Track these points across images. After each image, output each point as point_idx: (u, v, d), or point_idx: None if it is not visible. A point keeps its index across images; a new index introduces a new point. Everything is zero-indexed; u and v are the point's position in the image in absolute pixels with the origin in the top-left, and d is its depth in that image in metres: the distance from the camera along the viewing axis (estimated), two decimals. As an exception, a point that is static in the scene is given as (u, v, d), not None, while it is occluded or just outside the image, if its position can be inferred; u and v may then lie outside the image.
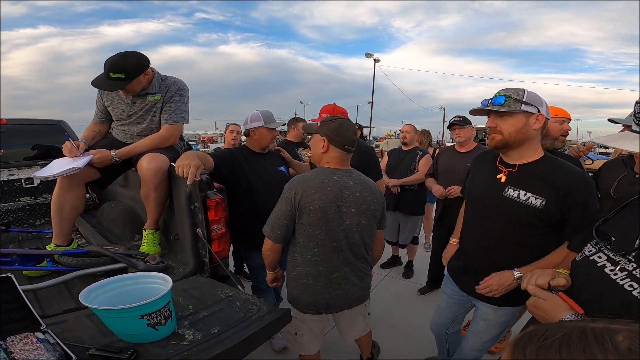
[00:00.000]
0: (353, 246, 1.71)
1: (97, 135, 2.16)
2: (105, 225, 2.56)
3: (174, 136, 2.10)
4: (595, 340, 0.44)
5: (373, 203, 1.72)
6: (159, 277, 1.32)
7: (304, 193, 1.60)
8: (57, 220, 1.96)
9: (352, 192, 1.66)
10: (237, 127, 3.81)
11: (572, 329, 0.46)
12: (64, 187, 1.94)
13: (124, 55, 1.86)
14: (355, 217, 1.67)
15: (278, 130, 2.37)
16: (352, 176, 1.71)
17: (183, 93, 2.10)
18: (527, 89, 1.36)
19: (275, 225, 1.66)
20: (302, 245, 1.68)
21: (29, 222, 2.88)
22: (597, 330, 0.45)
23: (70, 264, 1.78)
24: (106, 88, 1.94)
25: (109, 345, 1.14)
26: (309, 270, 1.70)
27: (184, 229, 1.87)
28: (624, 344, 0.42)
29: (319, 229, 1.63)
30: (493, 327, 1.65)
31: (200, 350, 1.17)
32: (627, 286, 0.85)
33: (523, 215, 1.38)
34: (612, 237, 0.96)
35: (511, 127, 1.35)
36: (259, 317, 1.38)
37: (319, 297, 1.72)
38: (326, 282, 1.70)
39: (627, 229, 0.94)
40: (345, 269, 1.72)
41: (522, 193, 1.37)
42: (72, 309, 1.44)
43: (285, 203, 1.64)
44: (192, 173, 1.64)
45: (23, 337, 1.02)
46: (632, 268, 0.86)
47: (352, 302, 1.80)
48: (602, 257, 0.95)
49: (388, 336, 2.73)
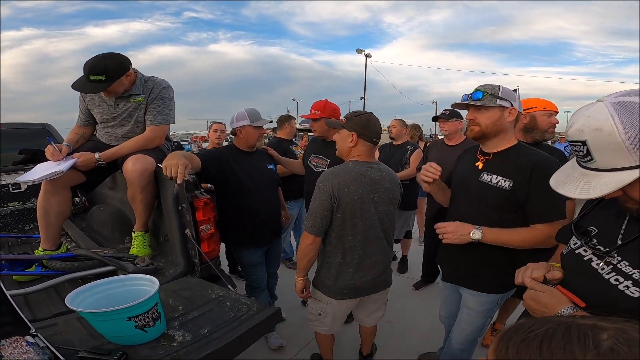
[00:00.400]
0: (385, 233, 1.84)
1: (81, 138, 2.14)
2: (94, 229, 2.55)
3: (159, 137, 2.09)
4: (578, 337, 0.43)
5: (397, 192, 1.87)
6: (146, 279, 1.33)
7: (340, 185, 1.68)
8: (44, 225, 1.95)
9: (383, 183, 1.78)
10: (221, 126, 3.77)
11: (558, 324, 0.46)
12: (49, 191, 1.92)
13: (103, 57, 1.84)
14: (386, 205, 1.80)
15: (266, 128, 2.39)
16: (379, 168, 1.82)
17: (167, 93, 2.08)
18: (502, 86, 1.50)
19: (317, 219, 1.71)
20: (336, 235, 1.76)
21: (18, 227, 2.86)
22: (583, 327, 0.44)
23: (59, 267, 1.78)
24: (87, 91, 1.93)
25: (98, 348, 1.15)
26: (342, 258, 1.79)
27: (172, 230, 1.88)
28: (607, 343, 0.41)
29: (355, 218, 1.72)
30: (474, 316, 1.70)
31: (190, 350, 1.18)
32: (613, 280, 0.84)
33: (494, 197, 1.49)
34: (594, 229, 0.95)
35: (488, 119, 1.49)
36: (249, 317, 1.40)
37: (350, 283, 1.81)
38: (357, 268, 1.80)
39: (609, 222, 0.93)
40: (379, 256, 1.84)
41: (494, 177, 1.50)
42: (62, 312, 1.45)
43: (324, 196, 1.69)
44: (182, 172, 1.64)
45: (13, 341, 1.02)
46: (617, 261, 0.85)
47: (379, 286, 1.92)
48: (588, 250, 0.93)
49: (384, 332, 2.74)
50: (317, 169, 2.54)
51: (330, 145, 2.52)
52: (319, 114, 2.51)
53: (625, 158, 0.72)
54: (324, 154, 2.58)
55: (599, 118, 0.73)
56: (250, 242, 2.37)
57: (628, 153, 0.71)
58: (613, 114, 0.71)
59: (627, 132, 0.70)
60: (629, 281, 0.81)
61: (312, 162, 2.60)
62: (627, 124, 0.70)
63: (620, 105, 0.72)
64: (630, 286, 0.80)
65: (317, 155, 2.60)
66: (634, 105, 0.71)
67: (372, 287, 1.88)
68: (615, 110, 0.71)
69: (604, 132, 0.72)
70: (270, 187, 2.46)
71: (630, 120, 0.70)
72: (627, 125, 0.70)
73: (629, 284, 0.81)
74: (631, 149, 0.71)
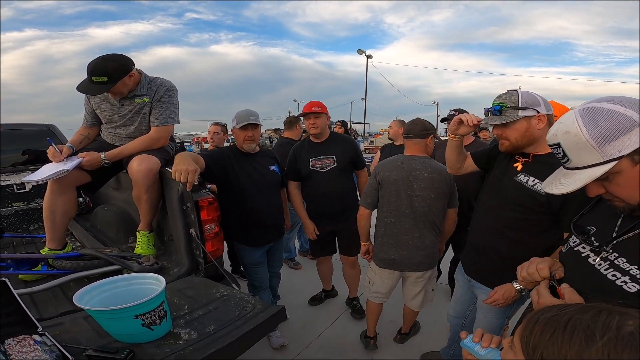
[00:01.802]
0: (422, 214, 2.14)
1: (85, 139, 2.16)
2: (99, 229, 2.57)
3: (163, 137, 2.10)
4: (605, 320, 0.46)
5: (441, 182, 2.13)
6: (153, 277, 1.34)
7: (383, 171, 2.19)
8: (50, 225, 1.96)
9: (423, 173, 2.12)
10: (217, 127, 3.75)
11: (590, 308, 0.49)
12: (55, 191, 1.94)
13: (104, 59, 1.86)
14: (425, 191, 2.12)
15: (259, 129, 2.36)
16: (423, 160, 2.17)
17: (172, 94, 2.10)
18: (521, 91, 1.42)
19: (366, 195, 2.27)
20: (381, 210, 2.24)
21: (22, 227, 2.87)
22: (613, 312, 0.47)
23: (65, 267, 1.79)
24: (91, 92, 1.95)
25: (106, 346, 1.15)
26: (384, 231, 2.23)
27: (177, 230, 1.89)
28: (629, 328, 0.44)
29: (393, 197, 2.16)
30: (491, 316, 1.69)
31: (196, 349, 1.19)
32: (611, 276, 0.86)
33: (527, 200, 1.44)
34: (592, 228, 0.98)
35: (516, 132, 1.43)
36: (254, 315, 1.40)
37: (389, 254, 2.22)
38: (395, 242, 2.19)
39: (604, 222, 0.96)
40: (415, 234, 2.15)
41: (531, 179, 1.44)
42: (69, 311, 1.46)
43: (372, 178, 2.26)
44: (191, 179, 1.68)
45: (20, 340, 1.03)
46: (614, 257, 0.87)
47: (416, 266, 2.21)
48: (586, 247, 0.96)
49: (386, 332, 2.76)
50: (325, 169, 2.60)
51: (327, 143, 2.66)
52: (320, 110, 2.58)
53: (593, 155, 0.81)
54: (327, 153, 2.63)
55: (567, 122, 0.84)
56: (249, 241, 2.38)
57: (594, 151, 0.80)
58: (578, 118, 0.82)
59: (590, 133, 0.79)
60: (627, 277, 0.83)
61: (315, 166, 2.62)
62: (589, 125, 0.80)
63: (586, 110, 0.82)
64: (628, 282, 0.83)
65: (318, 157, 2.64)
66: (599, 109, 0.81)
67: (409, 264, 2.20)
68: (580, 114, 0.82)
69: (572, 134, 0.83)
70: (271, 188, 2.46)
71: (593, 122, 0.80)
72: (590, 127, 0.80)
73: (627, 279, 0.83)
74: (597, 147, 0.79)
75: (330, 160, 2.62)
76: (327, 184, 2.63)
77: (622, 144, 0.78)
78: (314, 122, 2.59)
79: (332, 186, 2.63)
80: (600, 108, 0.81)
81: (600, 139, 0.79)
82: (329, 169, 2.62)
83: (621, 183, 0.82)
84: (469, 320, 1.95)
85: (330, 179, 2.62)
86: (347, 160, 2.67)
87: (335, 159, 2.62)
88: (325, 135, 2.69)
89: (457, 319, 2.00)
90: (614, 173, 0.80)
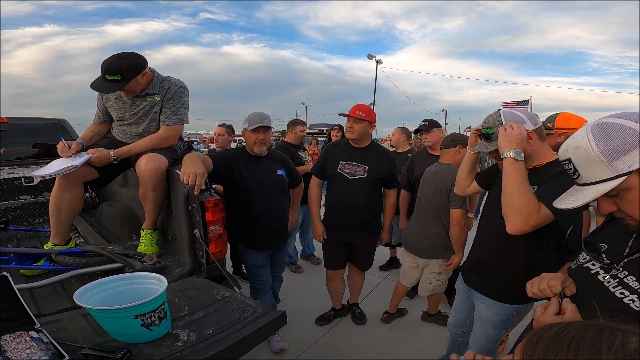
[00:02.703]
0: (427, 208, 2.54)
1: (95, 135, 2.18)
2: (103, 225, 2.57)
3: (172, 137, 2.11)
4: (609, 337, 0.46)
5: (438, 182, 2.47)
6: (154, 277, 1.32)
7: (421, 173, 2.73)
8: (55, 220, 1.96)
9: (430, 175, 2.58)
10: (222, 129, 3.75)
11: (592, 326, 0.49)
12: (63, 186, 1.94)
13: (118, 57, 1.88)
14: (429, 189, 2.53)
15: (271, 132, 2.33)
16: (439, 166, 2.57)
17: (182, 94, 2.11)
18: (504, 113, 1.44)
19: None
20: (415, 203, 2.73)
21: (28, 220, 2.89)
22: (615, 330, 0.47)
23: (68, 263, 1.78)
24: (104, 90, 1.96)
25: (103, 345, 1.14)
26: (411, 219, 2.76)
27: (181, 230, 1.88)
28: (634, 345, 0.44)
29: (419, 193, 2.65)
30: (488, 327, 1.69)
31: (194, 351, 1.17)
32: (619, 294, 0.86)
33: None
34: (604, 245, 0.97)
35: None
36: (254, 319, 1.38)
37: (411, 239, 2.67)
38: (415, 229, 2.64)
39: (616, 240, 0.95)
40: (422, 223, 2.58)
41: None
42: (68, 308, 1.45)
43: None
44: (199, 183, 1.69)
45: (17, 336, 1.02)
46: (624, 275, 0.87)
47: (422, 251, 2.60)
48: (596, 264, 0.96)
49: (386, 338, 2.73)
50: (353, 176, 2.49)
51: (364, 152, 2.53)
52: (364, 116, 2.42)
53: (602, 171, 0.80)
54: (360, 161, 2.50)
55: (578, 138, 0.85)
56: (253, 245, 2.36)
57: (604, 166, 0.80)
58: (588, 133, 0.82)
59: (600, 148, 0.79)
60: (634, 295, 0.83)
61: (344, 170, 2.50)
62: (599, 141, 0.80)
63: (598, 125, 0.82)
64: (635, 300, 0.82)
65: (349, 162, 2.51)
66: (611, 124, 0.80)
67: (419, 249, 2.59)
68: (591, 130, 0.82)
69: (582, 149, 0.83)
70: (278, 192, 2.41)
71: (603, 138, 0.80)
72: (600, 142, 0.80)
73: (635, 297, 0.83)
74: (606, 162, 0.79)
75: (361, 170, 2.49)
76: (351, 192, 2.51)
77: (632, 159, 0.77)
78: (352, 127, 2.45)
79: (355, 196, 2.50)
80: (612, 123, 0.81)
81: (609, 154, 0.79)
82: (357, 177, 2.49)
83: (631, 199, 0.81)
84: (468, 330, 1.94)
85: (356, 188, 2.49)
86: (379, 176, 2.52)
87: (367, 169, 2.48)
88: (364, 143, 2.54)
89: (456, 327, 2.01)
90: (624, 189, 0.80)
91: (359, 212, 2.53)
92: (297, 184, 2.64)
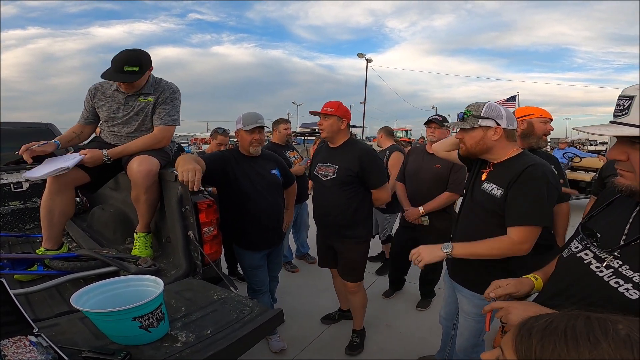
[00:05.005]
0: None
1: (75, 137, 2.16)
2: (96, 229, 2.55)
3: (166, 138, 2.11)
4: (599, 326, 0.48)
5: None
6: (151, 279, 1.33)
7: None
8: (47, 225, 1.95)
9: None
10: (225, 139, 3.98)
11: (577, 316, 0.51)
12: (54, 190, 1.92)
13: (134, 50, 1.95)
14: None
15: (264, 132, 2.32)
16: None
17: (176, 96, 2.14)
18: (489, 104, 1.55)
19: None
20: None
21: (18, 226, 2.85)
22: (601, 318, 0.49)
23: (61, 267, 1.77)
24: (120, 79, 1.95)
25: (102, 348, 1.15)
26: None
27: (175, 232, 1.88)
28: (624, 331, 0.47)
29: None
30: (469, 320, 1.74)
31: (194, 351, 1.18)
32: (613, 283, 0.85)
33: (488, 204, 1.56)
34: (598, 234, 0.96)
35: (471, 139, 1.57)
36: (252, 318, 1.39)
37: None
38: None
39: (612, 226, 0.95)
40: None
41: (491, 186, 1.56)
42: (65, 312, 1.44)
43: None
44: (198, 179, 1.70)
45: (16, 341, 1.02)
46: (618, 265, 0.87)
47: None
48: (589, 254, 0.95)
49: (382, 335, 2.75)
50: (326, 177, 2.34)
51: (336, 151, 2.38)
52: (332, 111, 2.27)
53: None
54: (331, 161, 2.35)
55: None
56: (250, 245, 2.36)
57: None
58: None
59: None
60: (629, 284, 0.83)
61: (318, 172, 2.41)
62: None
63: None
64: (630, 288, 0.82)
65: (324, 163, 2.39)
66: None
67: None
68: None
69: None
70: (272, 192, 2.40)
71: None
72: None
73: (629, 286, 0.82)
74: None
75: (332, 170, 2.32)
76: (325, 194, 2.38)
77: None
78: (321, 124, 2.30)
79: (328, 198, 2.36)
80: None
81: None
82: (328, 178, 2.33)
83: None
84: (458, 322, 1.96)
85: (329, 190, 2.34)
86: (349, 174, 2.26)
87: (336, 169, 2.30)
88: (338, 141, 2.35)
89: (447, 320, 2.04)
90: None
91: (335, 215, 2.35)
92: (291, 184, 2.64)
